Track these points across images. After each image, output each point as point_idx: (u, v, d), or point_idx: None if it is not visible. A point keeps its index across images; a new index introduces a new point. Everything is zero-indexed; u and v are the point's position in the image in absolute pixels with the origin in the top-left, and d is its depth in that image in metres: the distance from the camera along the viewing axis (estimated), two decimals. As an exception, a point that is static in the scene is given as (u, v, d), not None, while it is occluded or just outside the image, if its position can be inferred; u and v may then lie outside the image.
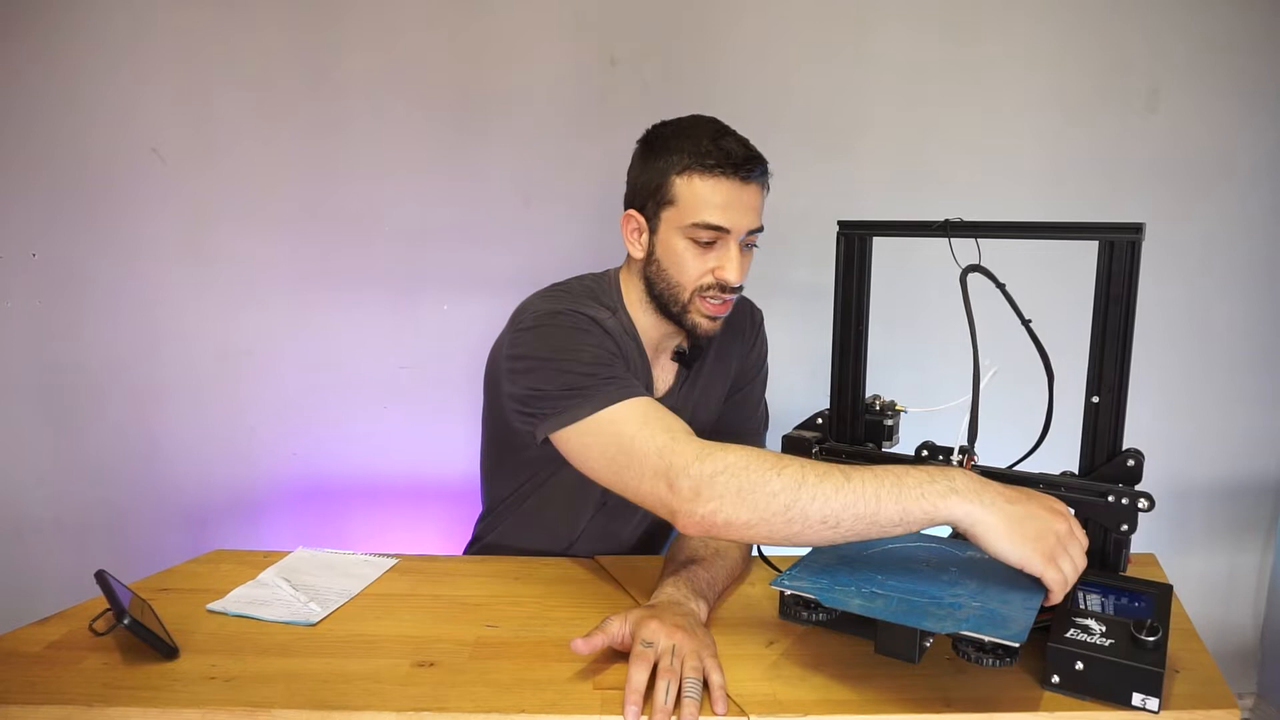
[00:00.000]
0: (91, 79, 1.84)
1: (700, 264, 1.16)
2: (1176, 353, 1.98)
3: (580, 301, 1.19)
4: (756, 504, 0.89)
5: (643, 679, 0.87)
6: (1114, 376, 0.98)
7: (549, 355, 1.10)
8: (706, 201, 1.12)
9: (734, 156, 1.12)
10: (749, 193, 1.14)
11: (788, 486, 0.88)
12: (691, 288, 1.17)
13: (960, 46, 1.88)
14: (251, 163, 1.88)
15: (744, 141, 1.16)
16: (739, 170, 1.12)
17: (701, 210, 1.13)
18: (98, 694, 0.91)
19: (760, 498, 0.89)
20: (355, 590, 1.17)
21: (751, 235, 1.17)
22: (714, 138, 1.13)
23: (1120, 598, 0.96)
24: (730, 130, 1.17)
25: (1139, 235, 0.95)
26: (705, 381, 1.34)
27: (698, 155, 1.12)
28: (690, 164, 1.13)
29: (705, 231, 1.14)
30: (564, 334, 1.12)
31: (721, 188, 1.12)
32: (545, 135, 1.90)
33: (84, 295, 1.92)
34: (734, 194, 1.12)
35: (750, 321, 1.40)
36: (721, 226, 1.13)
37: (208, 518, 2.01)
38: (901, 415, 1.18)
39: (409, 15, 1.84)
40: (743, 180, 1.13)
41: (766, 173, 1.18)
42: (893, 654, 0.87)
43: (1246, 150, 1.91)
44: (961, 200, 1.88)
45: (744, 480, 0.90)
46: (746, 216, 1.14)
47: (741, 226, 1.14)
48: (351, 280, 1.93)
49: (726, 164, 1.11)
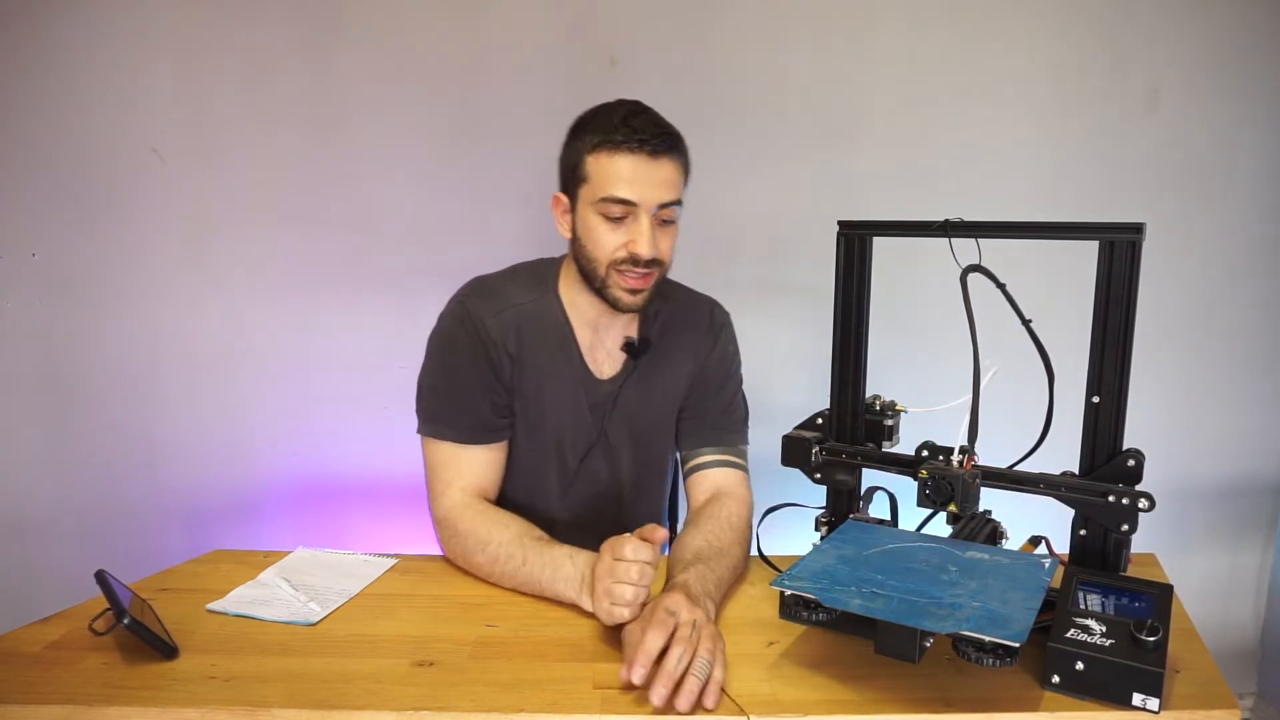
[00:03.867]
0: (92, 79, 1.84)
1: (614, 238, 1.19)
2: (1176, 353, 1.98)
3: (482, 299, 1.28)
4: (469, 565, 1.22)
5: (658, 645, 0.90)
6: (1114, 376, 0.98)
7: (428, 350, 1.30)
8: (615, 176, 1.16)
9: (641, 133, 1.15)
10: (659, 167, 1.16)
11: (485, 562, 1.18)
12: (606, 261, 1.20)
13: (961, 47, 1.88)
14: (251, 163, 1.88)
15: (657, 120, 1.20)
16: (645, 145, 1.15)
17: (609, 185, 1.16)
18: (98, 694, 0.91)
19: (471, 565, 1.21)
20: (355, 590, 1.17)
21: (665, 209, 1.19)
22: (625, 117, 1.17)
23: (1120, 598, 0.96)
24: (645, 109, 1.20)
25: (1139, 235, 0.95)
26: (654, 378, 1.35)
27: (607, 133, 1.16)
28: (600, 141, 1.17)
29: (615, 206, 1.17)
30: (437, 342, 1.29)
31: (629, 163, 1.15)
32: (545, 135, 1.89)
33: (84, 295, 1.92)
34: (642, 169, 1.15)
35: (710, 321, 1.40)
36: (629, 200, 1.16)
37: (208, 518, 2.01)
38: (901, 415, 1.18)
39: (409, 16, 1.84)
40: (651, 155, 1.16)
41: (680, 149, 1.20)
42: (893, 654, 0.87)
43: (1246, 150, 1.91)
44: (961, 200, 1.88)
45: (460, 549, 1.22)
46: (656, 190, 1.17)
47: (650, 200, 1.17)
48: (351, 280, 1.93)
49: (633, 139, 1.15)
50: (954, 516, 1.07)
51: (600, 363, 1.32)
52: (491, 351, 1.26)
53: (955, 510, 1.01)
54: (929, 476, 1.01)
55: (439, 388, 1.28)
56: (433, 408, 1.28)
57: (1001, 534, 1.13)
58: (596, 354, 1.32)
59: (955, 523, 1.09)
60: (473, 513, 1.22)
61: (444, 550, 1.27)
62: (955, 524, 1.09)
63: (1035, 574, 0.95)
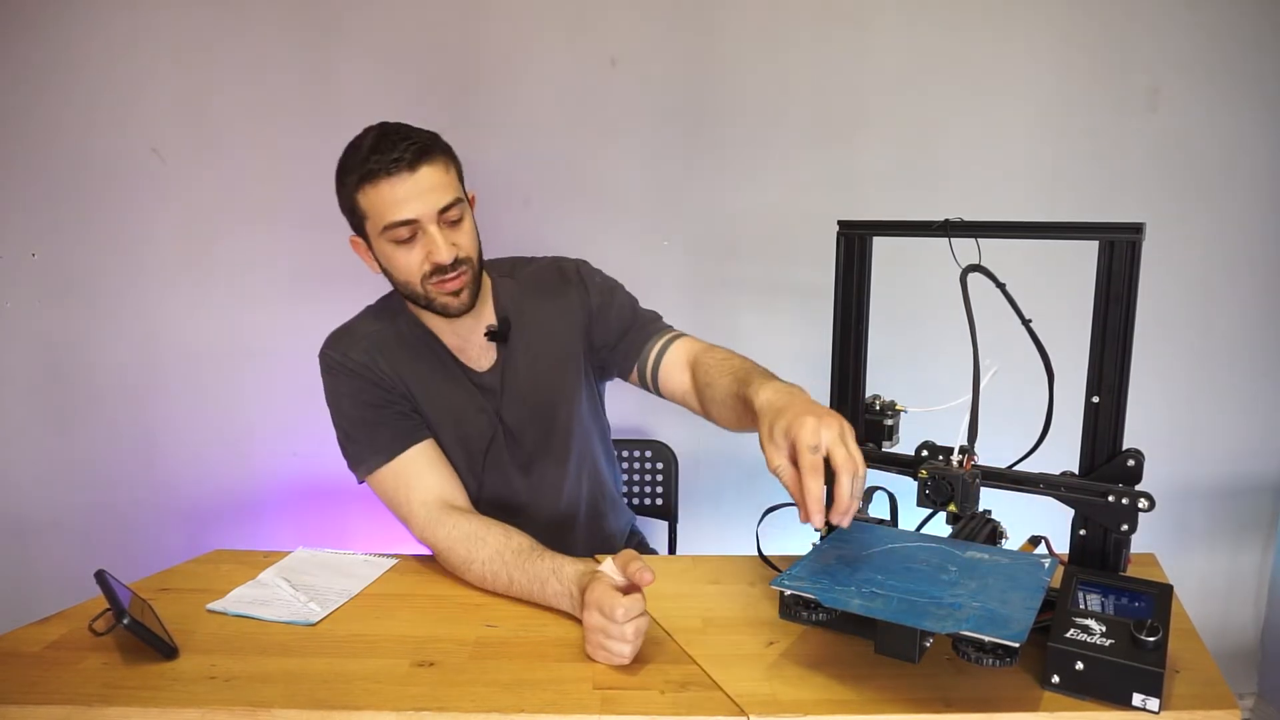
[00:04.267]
0: (92, 79, 1.84)
1: (413, 257, 1.20)
2: (1176, 353, 1.98)
3: (338, 341, 1.32)
4: (466, 579, 1.20)
5: (821, 487, 0.91)
6: (1114, 376, 0.98)
7: (330, 407, 1.31)
8: (386, 203, 1.16)
9: (391, 152, 1.15)
10: (422, 177, 1.16)
11: (477, 580, 1.17)
12: (418, 279, 1.21)
13: (961, 47, 1.88)
14: (251, 163, 1.88)
15: (405, 133, 1.18)
16: (399, 164, 1.15)
17: (385, 213, 1.17)
18: (98, 694, 0.91)
19: (468, 579, 1.20)
20: (355, 590, 1.17)
21: (449, 210, 1.19)
22: (373, 146, 1.17)
23: (1120, 598, 0.96)
24: (390, 128, 1.19)
25: (1139, 235, 0.95)
26: (531, 352, 1.36)
27: (362, 166, 1.17)
28: (359, 177, 1.17)
29: (399, 229, 1.18)
30: (326, 383, 1.31)
31: (390, 186, 1.16)
32: (545, 135, 1.90)
33: (84, 295, 1.92)
34: (405, 186, 1.15)
35: (562, 277, 1.39)
36: (408, 219, 1.17)
37: (208, 517, 2.01)
38: (901, 415, 1.18)
39: (409, 15, 1.84)
40: (409, 169, 1.15)
41: (436, 149, 1.19)
42: (893, 654, 0.87)
43: (1246, 150, 1.91)
44: (961, 199, 1.89)
45: (450, 565, 1.21)
46: (428, 199, 1.17)
47: (428, 210, 1.17)
48: (351, 280, 1.92)
49: (385, 163, 1.15)
50: (954, 516, 1.07)
51: (475, 358, 1.34)
52: (369, 375, 1.29)
53: (955, 510, 1.01)
54: (929, 476, 1.01)
55: (347, 430, 1.29)
56: (354, 449, 1.29)
57: (1001, 534, 1.13)
58: (469, 351, 1.34)
59: (955, 523, 1.09)
60: (445, 530, 1.21)
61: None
62: (955, 524, 1.09)
63: (1035, 574, 0.95)
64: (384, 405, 1.29)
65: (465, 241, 1.23)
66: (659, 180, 1.93)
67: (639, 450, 1.76)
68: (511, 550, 1.15)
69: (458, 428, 1.33)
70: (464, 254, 1.22)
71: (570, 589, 1.06)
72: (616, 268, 1.46)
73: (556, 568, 1.10)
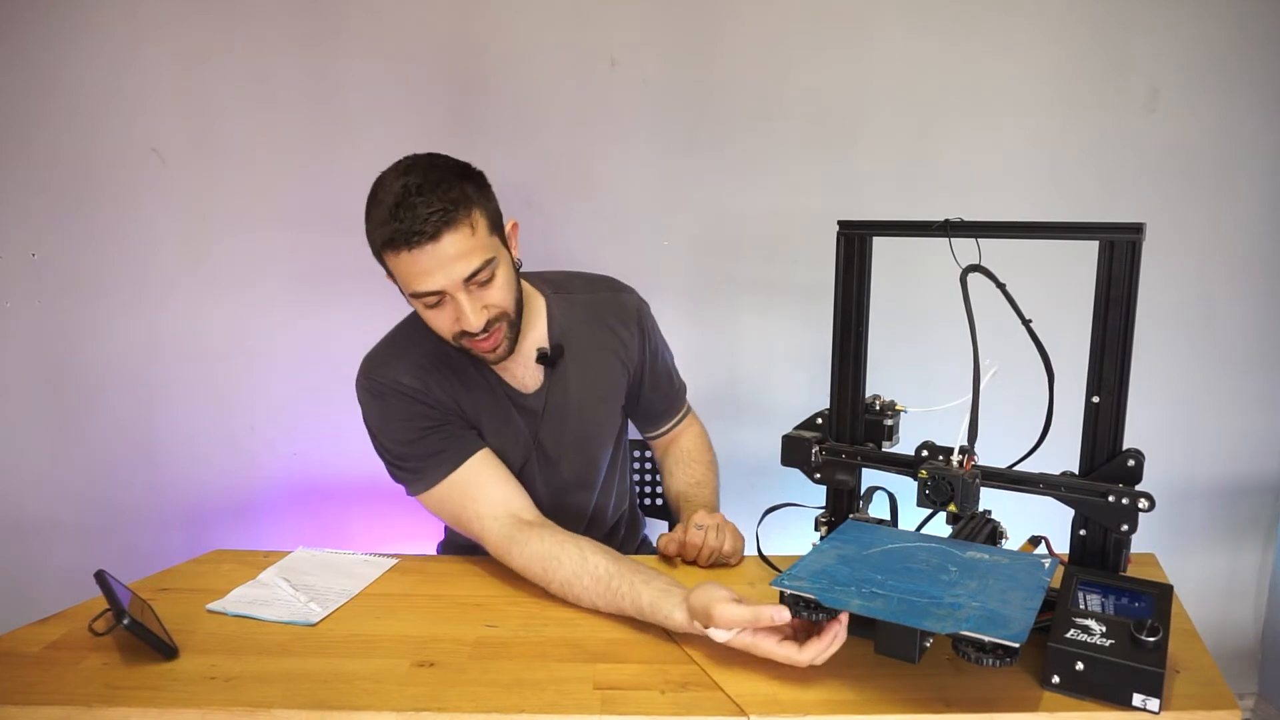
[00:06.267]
0: (92, 80, 1.84)
1: (443, 318, 1.16)
2: (1176, 353, 1.98)
3: (386, 361, 1.26)
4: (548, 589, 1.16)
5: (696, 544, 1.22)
6: (1114, 376, 0.98)
7: (373, 430, 1.26)
8: (410, 274, 1.11)
9: (412, 223, 1.08)
10: (444, 247, 1.09)
11: (560, 595, 1.14)
12: (450, 337, 1.18)
13: (961, 47, 1.88)
14: (251, 163, 1.88)
15: (425, 195, 1.09)
16: (420, 237, 1.08)
17: (410, 282, 1.12)
18: (98, 694, 0.91)
19: (547, 589, 1.16)
20: (355, 590, 1.18)
21: (477, 275, 1.12)
22: (392, 210, 1.08)
23: (1120, 598, 0.96)
24: (408, 193, 1.09)
25: (1139, 235, 0.95)
26: (579, 380, 1.34)
27: (385, 234, 1.10)
28: (384, 244, 1.11)
29: (426, 297, 1.13)
30: (372, 408, 1.25)
31: (412, 259, 1.09)
32: (545, 135, 1.90)
33: (84, 295, 1.92)
34: (427, 258, 1.09)
35: (622, 312, 1.38)
36: (433, 291, 1.12)
37: (208, 518, 2.01)
38: (901, 415, 1.18)
39: (409, 16, 1.84)
40: (432, 240, 1.08)
41: (460, 211, 1.10)
42: (893, 654, 0.87)
43: (1246, 150, 1.91)
44: (961, 200, 1.88)
45: (531, 577, 1.16)
46: (452, 270, 1.10)
47: (453, 281, 1.11)
48: (351, 280, 1.93)
49: (409, 237, 1.08)
50: (954, 516, 1.07)
51: (520, 377, 1.31)
52: (423, 399, 1.24)
53: (955, 510, 1.01)
54: (929, 476, 1.01)
55: (399, 451, 1.24)
56: (410, 465, 1.23)
57: (1001, 534, 1.13)
58: (515, 371, 1.30)
59: (955, 523, 1.09)
60: (519, 549, 1.16)
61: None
62: (955, 524, 1.09)
63: (1035, 574, 0.95)
64: (440, 424, 1.24)
65: (498, 299, 1.16)
66: (659, 180, 1.93)
67: (639, 450, 1.76)
68: (589, 576, 1.10)
69: (495, 444, 1.29)
70: (496, 313, 1.16)
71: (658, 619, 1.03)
72: (617, 268, 1.47)
73: (634, 598, 1.06)
